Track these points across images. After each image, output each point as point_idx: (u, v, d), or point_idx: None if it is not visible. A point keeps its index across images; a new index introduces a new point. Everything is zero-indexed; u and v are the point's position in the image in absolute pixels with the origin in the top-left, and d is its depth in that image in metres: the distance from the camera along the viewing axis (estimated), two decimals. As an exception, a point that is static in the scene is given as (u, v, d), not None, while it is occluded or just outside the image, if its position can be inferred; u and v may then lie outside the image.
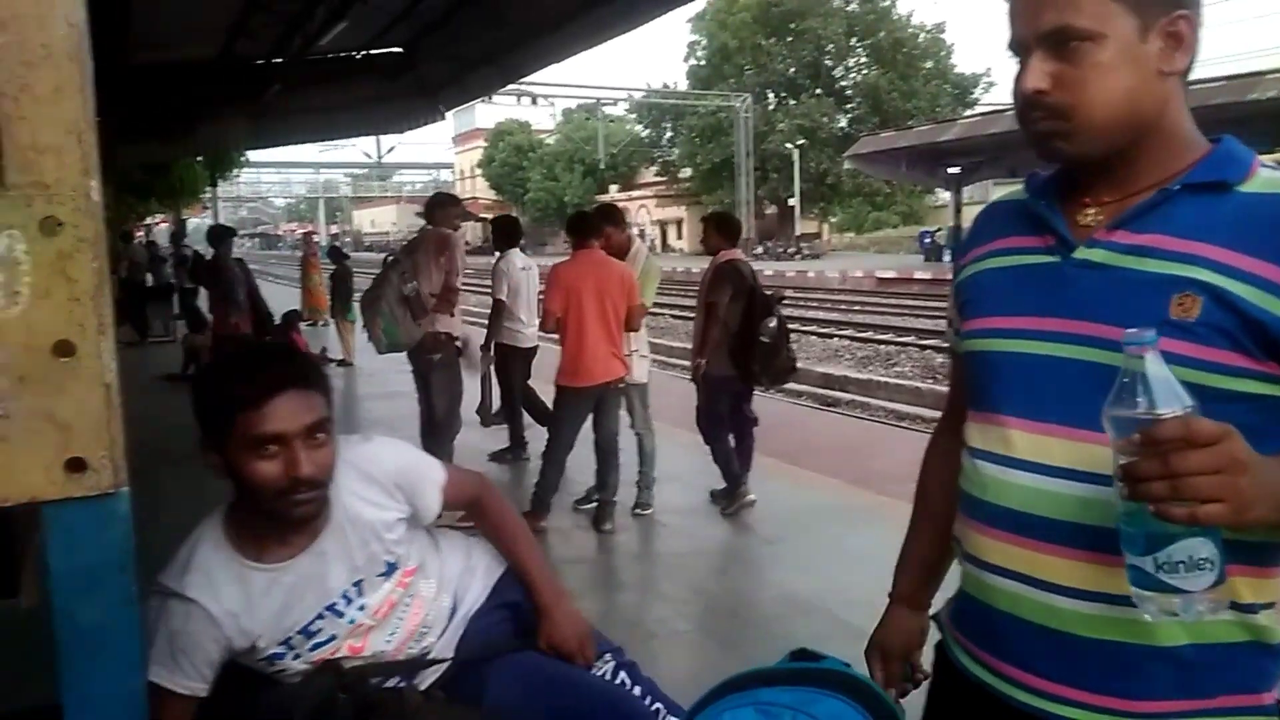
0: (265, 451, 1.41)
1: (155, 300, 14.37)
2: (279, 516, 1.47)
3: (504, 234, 6.48)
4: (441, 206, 5.57)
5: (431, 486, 1.66)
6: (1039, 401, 1.09)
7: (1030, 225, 1.16)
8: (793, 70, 46.75)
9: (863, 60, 47.43)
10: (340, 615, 1.56)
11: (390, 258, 5.51)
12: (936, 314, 19.75)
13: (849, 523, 4.95)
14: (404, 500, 1.62)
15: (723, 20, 47.23)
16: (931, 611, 1.39)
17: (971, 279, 1.22)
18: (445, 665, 1.67)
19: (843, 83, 48.01)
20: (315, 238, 22.21)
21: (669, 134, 54.00)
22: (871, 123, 43.51)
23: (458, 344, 5.41)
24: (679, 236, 53.49)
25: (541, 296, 5.33)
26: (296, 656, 1.55)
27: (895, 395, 11.32)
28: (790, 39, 46.49)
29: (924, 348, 14.52)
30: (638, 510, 5.12)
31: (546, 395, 5.03)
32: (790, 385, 12.54)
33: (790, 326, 16.65)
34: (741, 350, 5.08)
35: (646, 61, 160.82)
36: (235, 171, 24.76)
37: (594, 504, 5.05)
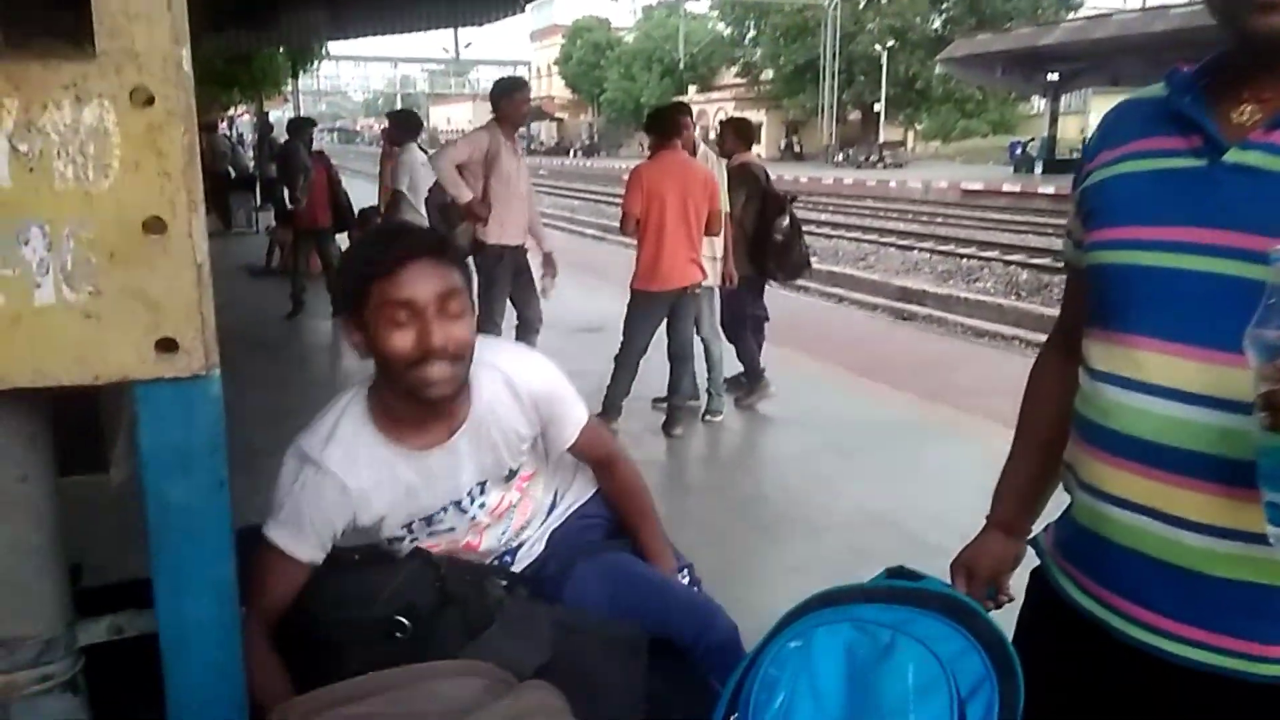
0: (398, 320, 1.41)
1: (238, 191, 14.56)
2: (414, 391, 1.45)
3: (403, 127, 6.48)
4: (508, 94, 5.14)
5: (571, 424, 1.68)
6: (1175, 320, 1.00)
7: (1173, 125, 1.05)
8: (885, -33, 44.52)
9: (961, -43, 44.91)
10: (463, 511, 1.60)
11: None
12: (1023, 228, 19.06)
13: (925, 438, 4.86)
14: (538, 422, 1.64)
15: (814, -88, 45.04)
16: (1030, 535, 1.33)
17: (1101, 185, 1.11)
18: (534, 560, 1.69)
19: (938, -19, 45.62)
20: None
21: (751, 33, 52.25)
22: (967, 24, 41.42)
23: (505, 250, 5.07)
24: (757, 141, 52.23)
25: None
26: (414, 540, 1.58)
27: (975, 311, 11.01)
28: (885, -67, 44.16)
29: (1009, 263, 14.07)
30: (708, 416, 5.10)
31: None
32: (865, 298, 12.38)
33: (869, 238, 16.26)
34: (758, 249, 5.30)
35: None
36: (315, 63, 24.73)
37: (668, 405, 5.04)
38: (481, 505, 1.61)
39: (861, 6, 44.81)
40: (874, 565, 3.32)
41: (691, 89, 54.66)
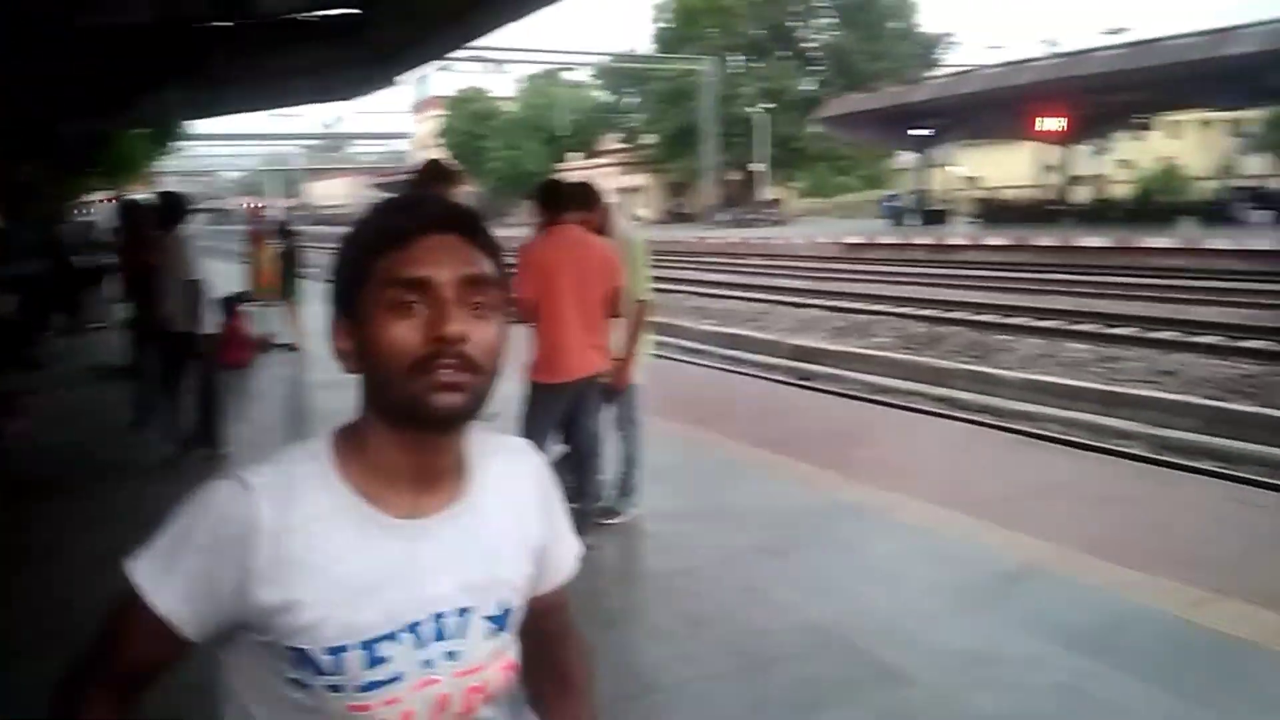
0: (405, 305, 0.98)
1: (89, 284, 13.54)
2: (412, 409, 0.99)
3: (175, 210, 5.95)
4: (438, 180, 4.68)
5: (570, 551, 1.22)
6: None
7: None
8: (759, 32, 45.95)
9: (828, 21, 46.76)
10: (420, 645, 1.03)
11: None
12: (908, 280, 19.38)
13: (857, 526, 4.45)
14: (547, 531, 1.17)
15: (689, -19, 46.25)
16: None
17: None
18: None
19: (808, 44, 47.33)
20: (267, 212, 21.28)
21: (632, 99, 53.07)
22: (838, 85, 42.94)
23: None
24: (642, 205, 52.73)
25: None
26: (336, 689, 1.00)
27: (873, 368, 10.93)
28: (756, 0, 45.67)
29: (900, 316, 14.11)
30: (603, 520, 4.54)
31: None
32: (763, 358, 12.15)
33: (760, 296, 16.25)
34: None
35: (609, 25, 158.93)
36: (180, 144, 23.71)
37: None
38: (450, 654, 1.04)
39: (737, 71, 46.05)
40: (834, 702, 2.86)
41: (574, 156, 55.01)
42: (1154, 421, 7.76)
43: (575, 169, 49.81)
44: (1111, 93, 26.61)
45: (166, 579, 0.99)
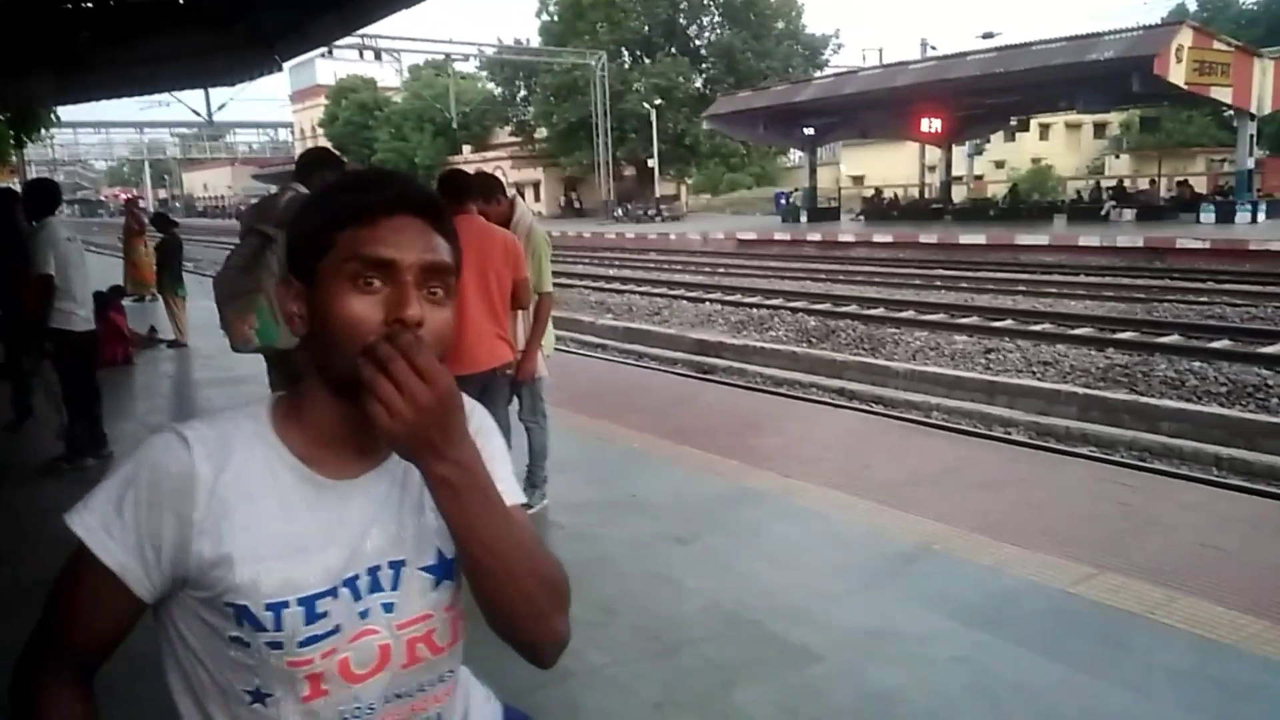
0: (365, 284, 1.01)
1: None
2: (360, 386, 0.96)
3: (42, 199, 5.64)
4: (321, 170, 4.41)
5: (507, 494, 1.09)
6: None
7: None
8: (647, 28, 46.15)
9: (716, 19, 47.30)
10: (356, 597, 1.05)
11: (252, 227, 4.16)
12: (800, 275, 19.81)
13: (761, 512, 4.55)
14: None
15: (575, -26, 46.08)
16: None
17: None
18: None
19: (697, 42, 47.80)
20: (142, 203, 20.30)
21: (523, 93, 52.60)
22: (727, 83, 43.49)
23: None
24: (536, 199, 52.40)
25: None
26: (277, 645, 1.01)
27: (771, 360, 11.15)
28: (644, -4, 45.87)
29: (794, 310, 14.42)
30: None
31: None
32: (664, 353, 12.26)
33: (659, 291, 16.31)
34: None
35: (497, 15, 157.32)
36: (46, 132, 22.33)
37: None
38: (388, 606, 1.06)
39: (627, 67, 46.17)
40: (744, 681, 2.92)
41: (466, 148, 54.22)
42: (1034, 409, 8.16)
43: (467, 162, 49.19)
44: (985, 95, 27.73)
45: (111, 532, 0.99)
